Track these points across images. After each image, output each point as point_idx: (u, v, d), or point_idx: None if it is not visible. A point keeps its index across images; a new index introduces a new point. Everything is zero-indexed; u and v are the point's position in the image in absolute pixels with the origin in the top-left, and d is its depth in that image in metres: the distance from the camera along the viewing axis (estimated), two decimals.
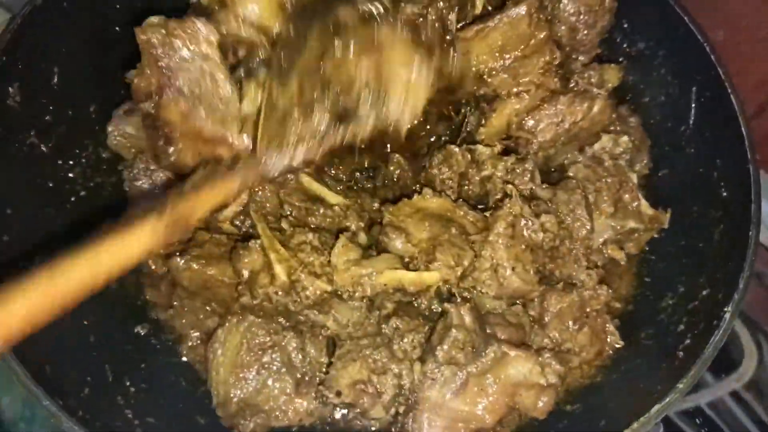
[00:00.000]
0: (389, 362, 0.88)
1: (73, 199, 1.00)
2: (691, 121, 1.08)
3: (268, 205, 0.99)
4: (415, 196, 0.97)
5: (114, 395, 0.88)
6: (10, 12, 0.96)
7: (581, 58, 1.11)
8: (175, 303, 0.97)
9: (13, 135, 0.92)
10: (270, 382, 0.87)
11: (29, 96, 0.93)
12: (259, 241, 0.94)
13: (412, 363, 0.88)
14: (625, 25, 1.15)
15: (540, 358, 0.87)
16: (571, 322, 0.94)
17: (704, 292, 0.94)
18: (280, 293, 0.92)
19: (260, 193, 1.00)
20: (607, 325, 0.98)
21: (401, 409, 0.88)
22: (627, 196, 1.01)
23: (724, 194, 0.99)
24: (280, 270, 0.91)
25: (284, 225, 0.96)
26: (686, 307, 0.96)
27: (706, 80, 1.04)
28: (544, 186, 0.99)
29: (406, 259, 0.94)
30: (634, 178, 1.03)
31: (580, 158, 1.04)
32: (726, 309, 0.87)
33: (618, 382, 0.94)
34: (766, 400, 1.18)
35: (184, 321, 0.97)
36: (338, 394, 0.87)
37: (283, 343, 0.88)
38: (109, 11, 1.05)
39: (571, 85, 1.06)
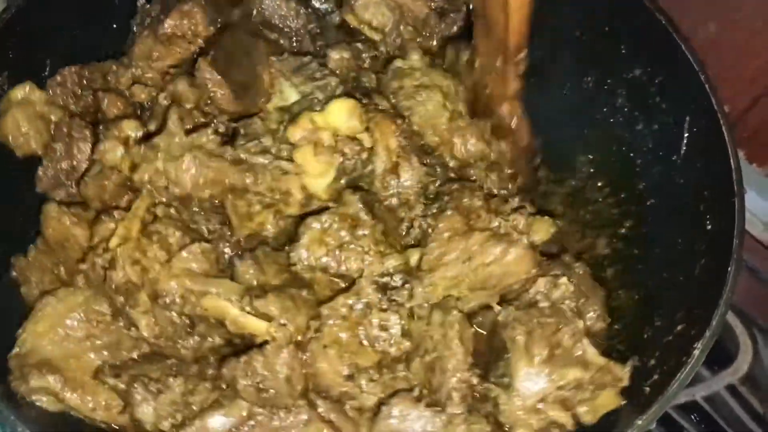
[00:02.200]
0: (190, 375, 0.83)
1: None
2: (682, 151, 1.05)
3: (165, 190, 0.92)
4: (292, 256, 0.90)
5: None
6: (5, 2, 0.98)
7: (510, 200, 0.99)
8: (30, 252, 0.94)
9: None
10: (87, 354, 0.83)
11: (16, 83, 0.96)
12: (124, 214, 0.89)
13: (215, 386, 0.83)
14: (623, 51, 1.13)
15: None
16: None
17: (679, 327, 0.91)
18: (104, 266, 0.85)
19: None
20: None
21: (178, 420, 0.82)
22: (567, 338, 0.84)
23: (709, 227, 0.96)
24: (113, 242, 0.84)
25: (159, 212, 0.90)
26: (661, 342, 0.93)
27: (700, 110, 1.01)
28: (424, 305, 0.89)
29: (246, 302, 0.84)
30: (581, 324, 0.88)
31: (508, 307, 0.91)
32: (696, 345, 0.84)
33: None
34: (761, 393, 1.18)
35: (29, 273, 0.95)
36: (116, 375, 0.83)
37: (118, 326, 0.85)
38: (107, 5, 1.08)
39: (494, 225, 0.92)
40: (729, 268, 0.88)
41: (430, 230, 0.92)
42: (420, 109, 1.04)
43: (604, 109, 1.17)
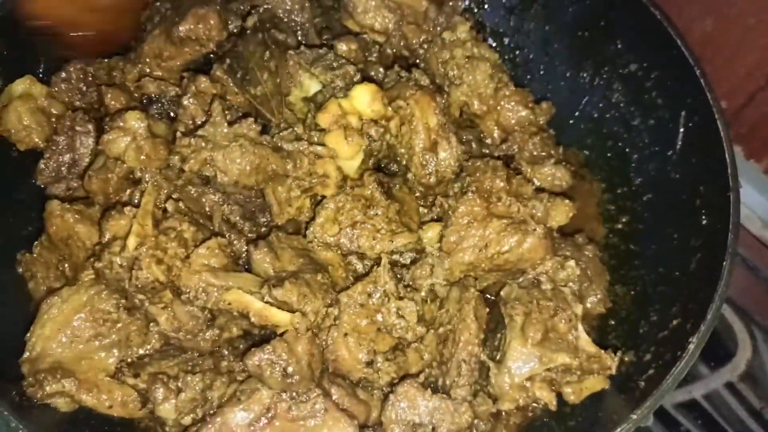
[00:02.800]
0: (206, 370, 0.84)
1: None
2: (678, 146, 1.05)
3: (166, 183, 0.93)
4: (305, 239, 0.92)
5: None
6: None
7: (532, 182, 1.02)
8: (36, 248, 0.95)
9: None
10: (98, 354, 0.84)
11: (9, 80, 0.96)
12: (134, 210, 0.88)
13: (231, 379, 0.84)
14: (619, 46, 1.13)
15: None
16: None
17: (674, 322, 0.91)
18: (122, 265, 0.86)
19: (167, 169, 0.94)
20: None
21: (199, 415, 0.83)
22: (562, 324, 0.85)
23: (704, 222, 0.96)
24: (132, 242, 0.84)
25: (169, 206, 0.90)
26: (657, 336, 0.93)
27: (695, 105, 1.01)
28: (443, 283, 0.92)
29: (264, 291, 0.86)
30: (579, 309, 0.89)
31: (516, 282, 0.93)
32: (691, 340, 0.84)
33: (577, 409, 0.91)
34: (760, 390, 1.18)
35: (35, 269, 0.96)
36: (135, 375, 0.84)
37: (126, 323, 0.85)
38: None
39: (512, 210, 0.93)
40: (724, 263, 0.88)
41: (450, 211, 0.93)
42: (468, 79, 1.07)
43: (600, 105, 1.17)
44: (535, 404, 0.87)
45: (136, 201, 0.91)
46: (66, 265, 0.95)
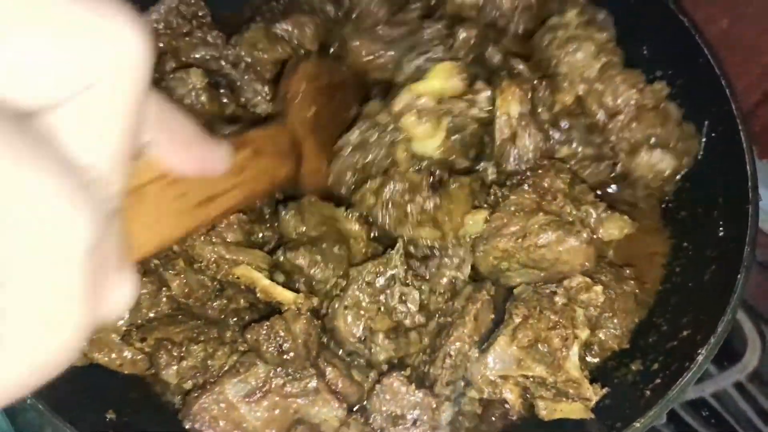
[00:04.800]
0: (210, 338, 0.87)
1: None
2: (699, 156, 1.03)
3: None
4: (340, 210, 0.94)
5: None
6: None
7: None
8: None
9: None
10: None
11: None
12: None
13: (232, 350, 0.87)
14: (645, 52, 1.12)
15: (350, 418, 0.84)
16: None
17: (684, 333, 0.90)
18: None
19: None
20: None
21: (199, 381, 0.86)
22: (557, 341, 0.83)
23: (721, 233, 0.95)
24: None
25: None
26: (665, 346, 0.92)
27: (719, 115, 1.00)
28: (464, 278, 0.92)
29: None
30: (585, 334, 0.85)
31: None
32: (700, 351, 0.84)
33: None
34: None
35: None
36: (142, 339, 0.87)
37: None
38: None
39: (564, 210, 0.91)
40: (739, 276, 0.87)
41: (501, 199, 0.93)
42: (569, 59, 1.04)
43: None
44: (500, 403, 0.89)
45: None
46: None
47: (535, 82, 1.01)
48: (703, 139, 1.03)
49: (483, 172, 1.00)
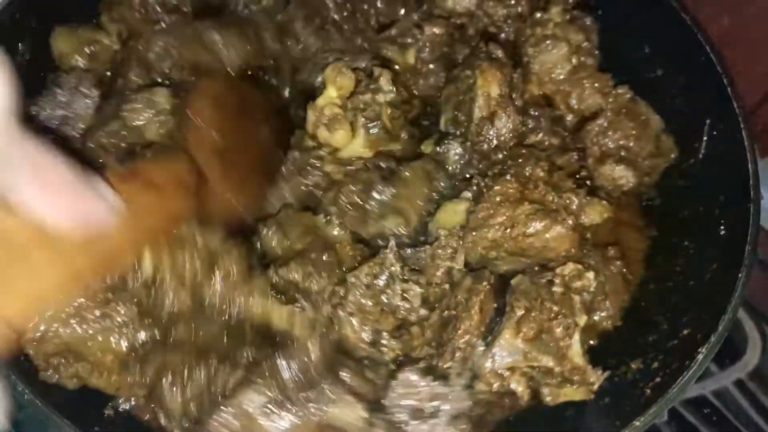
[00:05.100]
0: (219, 366, 0.84)
1: None
2: (700, 155, 1.03)
3: None
4: (317, 218, 0.95)
5: None
6: None
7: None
8: None
9: None
10: (104, 335, 0.84)
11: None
12: None
13: (234, 367, 0.83)
14: (646, 50, 1.12)
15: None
16: None
17: (685, 332, 0.90)
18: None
19: None
20: None
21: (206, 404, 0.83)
22: (559, 330, 0.84)
23: (723, 232, 0.95)
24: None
25: None
26: (666, 345, 0.92)
27: (721, 114, 1.00)
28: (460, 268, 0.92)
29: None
30: (582, 320, 0.86)
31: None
32: (700, 350, 0.83)
33: (579, 415, 0.91)
34: None
35: None
36: (143, 373, 0.84)
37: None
38: None
39: (547, 198, 0.92)
40: (739, 275, 0.87)
41: (485, 189, 0.94)
42: (542, 58, 1.07)
43: None
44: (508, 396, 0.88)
45: None
46: None
47: (511, 68, 1.03)
48: (705, 138, 1.03)
49: (444, 154, 1.02)
